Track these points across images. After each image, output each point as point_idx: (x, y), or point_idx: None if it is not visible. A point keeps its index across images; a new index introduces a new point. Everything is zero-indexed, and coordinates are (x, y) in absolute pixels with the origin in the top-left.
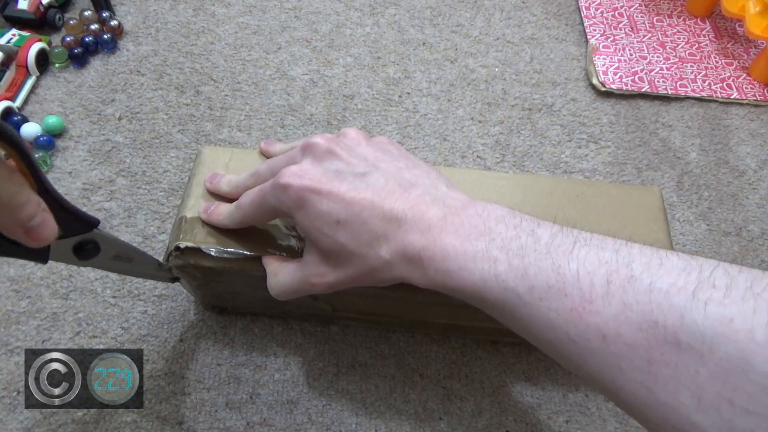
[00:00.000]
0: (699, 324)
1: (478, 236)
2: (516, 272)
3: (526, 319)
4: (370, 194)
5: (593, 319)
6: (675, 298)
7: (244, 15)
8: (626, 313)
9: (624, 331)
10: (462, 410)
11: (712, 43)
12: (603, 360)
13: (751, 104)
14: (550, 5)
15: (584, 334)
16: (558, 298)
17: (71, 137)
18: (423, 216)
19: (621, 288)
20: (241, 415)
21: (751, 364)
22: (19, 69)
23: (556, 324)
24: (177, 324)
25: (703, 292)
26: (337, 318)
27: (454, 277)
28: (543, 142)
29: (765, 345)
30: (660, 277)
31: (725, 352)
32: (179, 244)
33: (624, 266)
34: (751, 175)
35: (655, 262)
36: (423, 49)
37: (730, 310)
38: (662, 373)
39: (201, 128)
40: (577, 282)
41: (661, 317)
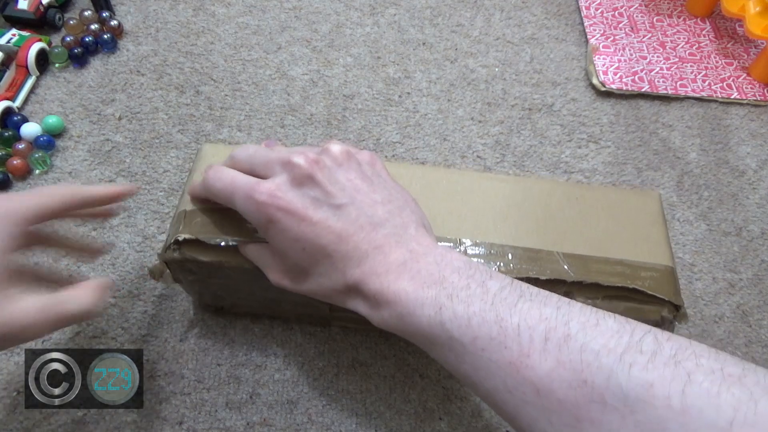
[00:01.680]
0: (623, 386)
1: (432, 284)
2: (460, 321)
3: (469, 367)
4: (340, 227)
5: (529, 374)
6: (604, 359)
7: (244, 15)
8: (559, 371)
9: (556, 388)
10: (462, 410)
11: (712, 43)
12: (536, 413)
13: (751, 104)
14: (550, 5)
15: (520, 387)
16: (499, 350)
17: (71, 137)
18: (385, 258)
19: (557, 346)
20: (241, 415)
21: (666, 429)
22: (19, 69)
23: (496, 375)
24: (177, 324)
25: (630, 355)
26: (335, 319)
27: (405, 321)
28: (543, 142)
29: (679, 412)
30: (594, 338)
31: (644, 416)
32: (178, 236)
33: (562, 324)
34: (751, 175)
35: (591, 322)
36: (423, 49)
37: (651, 375)
38: (587, 430)
39: (201, 128)
40: (518, 336)
41: (590, 377)
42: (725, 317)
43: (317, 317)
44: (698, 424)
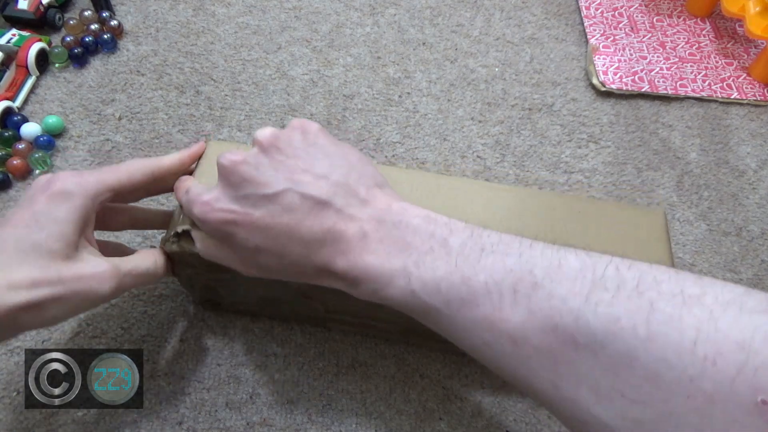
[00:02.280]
0: (591, 325)
1: (396, 253)
2: (430, 288)
3: (449, 328)
4: (285, 219)
5: (504, 326)
6: (571, 303)
7: (244, 15)
8: (531, 320)
9: (530, 336)
10: (462, 410)
11: (712, 43)
12: (516, 362)
13: (751, 104)
14: (550, 5)
15: (498, 340)
16: (471, 309)
17: (71, 137)
18: (342, 235)
19: (526, 296)
20: (241, 415)
21: (635, 357)
22: (19, 69)
23: (473, 332)
24: (177, 324)
25: (596, 294)
26: (330, 320)
27: (380, 295)
28: (543, 142)
29: (646, 339)
30: (559, 283)
31: (614, 349)
32: (177, 228)
33: (527, 273)
34: (751, 175)
35: (554, 264)
36: (423, 49)
37: (617, 310)
38: (565, 371)
39: (201, 128)
40: (487, 293)
41: (560, 321)
42: None
43: (314, 318)
44: (664, 348)
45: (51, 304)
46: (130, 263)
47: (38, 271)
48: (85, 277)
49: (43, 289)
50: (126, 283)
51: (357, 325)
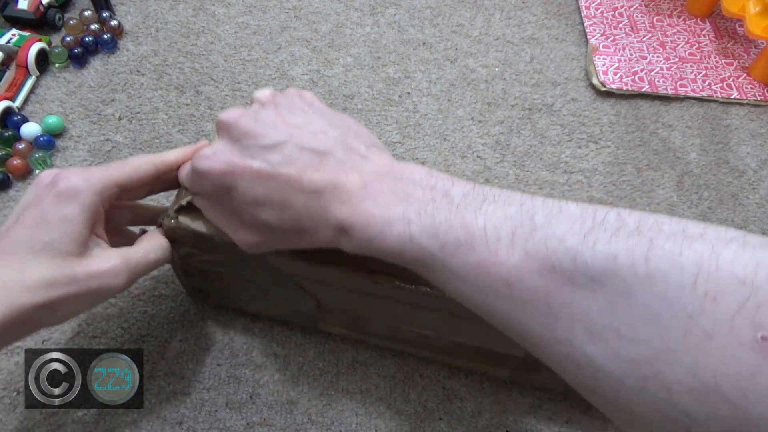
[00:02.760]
0: (588, 263)
1: (397, 202)
2: (428, 232)
3: (442, 274)
4: (285, 169)
5: (498, 270)
6: (568, 242)
7: (244, 15)
8: (527, 262)
9: (526, 278)
10: (462, 410)
11: (712, 43)
12: (510, 306)
13: (751, 104)
14: (550, 5)
15: (492, 284)
16: (467, 253)
17: (71, 137)
18: (343, 186)
19: (524, 239)
20: (241, 415)
21: (633, 295)
22: (19, 69)
23: (467, 277)
24: (177, 324)
25: (594, 234)
26: (320, 320)
27: (375, 243)
28: (543, 142)
29: (645, 277)
30: (558, 224)
31: (611, 287)
32: (182, 202)
33: (527, 219)
34: (751, 175)
35: (554, 211)
36: (423, 49)
37: (614, 247)
38: (560, 313)
39: (201, 128)
40: (485, 237)
41: (557, 262)
42: None
43: (304, 315)
44: (664, 286)
45: (66, 302)
46: (139, 252)
47: (53, 271)
48: (98, 273)
49: (59, 289)
50: (138, 272)
51: (347, 325)
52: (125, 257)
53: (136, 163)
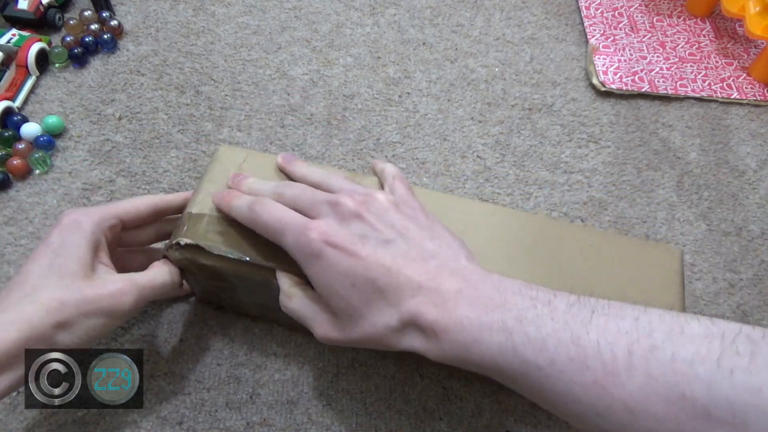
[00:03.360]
0: (727, 396)
1: (494, 308)
2: (534, 345)
3: (550, 392)
4: (389, 260)
5: (618, 392)
6: (699, 368)
7: (244, 15)
8: (652, 385)
9: (652, 405)
10: (462, 410)
11: (712, 43)
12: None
13: (751, 104)
14: (550, 5)
15: (611, 408)
16: (580, 371)
17: (71, 137)
18: (439, 287)
19: (644, 359)
20: (241, 415)
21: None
22: (19, 69)
23: (581, 398)
24: (177, 324)
25: (728, 360)
26: None
27: (471, 350)
28: (543, 142)
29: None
30: (682, 346)
31: (758, 424)
32: (180, 240)
33: (645, 335)
34: (751, 175)
35: (676, 330)
36: (423, 49)
37: (757, 379)
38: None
39: (201, 128)
40: (599, 354)
41: (688, 390)
42: (725, 317)
43: None
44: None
45: (79, 322)
46: (146, 276)
47: (62, 291)
48: (107, 293)
49: (70, 308)
50: (145, 295)
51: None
52: (132, 280)
53: (135, 200)
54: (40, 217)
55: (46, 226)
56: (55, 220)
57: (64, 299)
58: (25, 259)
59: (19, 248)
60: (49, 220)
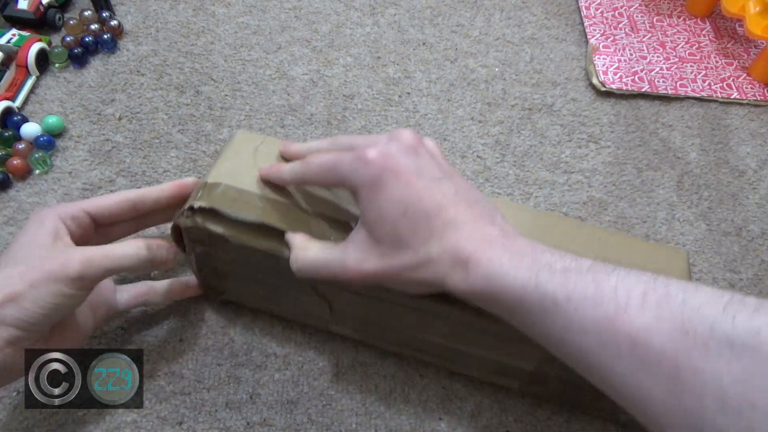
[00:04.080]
0: (727, 334)
1: (526, 254)
2: (555, 281)
3: (559, 326)
4: (440, 196)
5: (625, 327)
6: (706, 311)
7: (244, 15)
8: (658, 323)
9: (655, 340)
10: (462, 410)
11: (712, 43)
12: (631, 367)
13: (751, 104)
14: (550, 5)
15: (615, 340)
16: (593, 306)
17: (71, 137)
18: (482, 230)
19: (656, 302)
20: (241, 415)
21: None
22: (19, 69)
23: (589, 330)
24: (177, 324)
25: (734, 307)
26: (332, 322)
27: (494, 283)
28: (543, 142)
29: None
30: (694, 296)
31: (750, 359)
32: (193, 204)
33: (661, 286)
34: (751, 175)
35: (691, 287)
36: (423, 49)
37: (757, 323)
38: (689, 379)
39: (201, 128)
40: (615, 294)
41: (691, 328)
42: None
43: (316, 318)
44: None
45: (28, 292)
46: (104, 249)
47: (10, 270)
48: (52, 261)
49: (15, 280)
50: (100, 264)
51: (358, 330)
52: (83, 248)
53: (107, 195)
54: None
55: None
56: None
57: (10, 274)
58: None
59: None
60: None
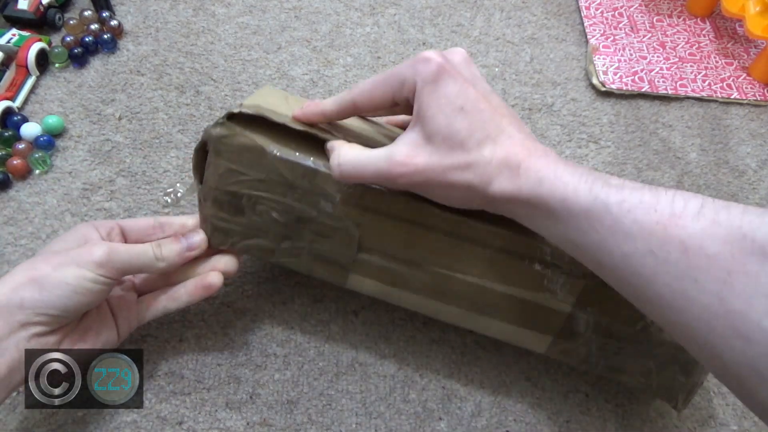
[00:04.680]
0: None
1: (580, 168)
2: (610, 187)
3: (607, 230)
4: (496, 104)
5: (678, 232)
6: (766, 217)
7: (244, 15)
8: (714, 228)
9: (708, 244)
10: (462, 410)
11: (712, 43)
12: (678, 273)
13: (751, 104)
14: (550, 5)
15: (665, 246)
16: (647, 212)
17: (71, 137)
18: (533, 144)
19: (714, 210)
20: (241, 415)
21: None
22: (19, 69)
23: (638, 236)
24: (177, 324)
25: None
26: (355, 271)
27: (545, 185)
28: (543, 142)
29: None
30: (754, 210)
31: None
32: (233, 110)
33: (721, 201)
34: (751, 175)
35: (750, 207)
36: (423, 49)
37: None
38: (740, 282)
39: (201, 128)
40: (671, 202)
41: (750, 232)
42: None
43: (338, 260)
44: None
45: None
46: (127, 245)
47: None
48: (76, 247)
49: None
50: (120, 257)
51: (382, 278)
52: (106, 241)
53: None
54: (40, 217)
55: (46, 226)
56: (55, 220)
57: (36, 260)
58: (24, 258)
59: (19, 248)
60: (49, 220)
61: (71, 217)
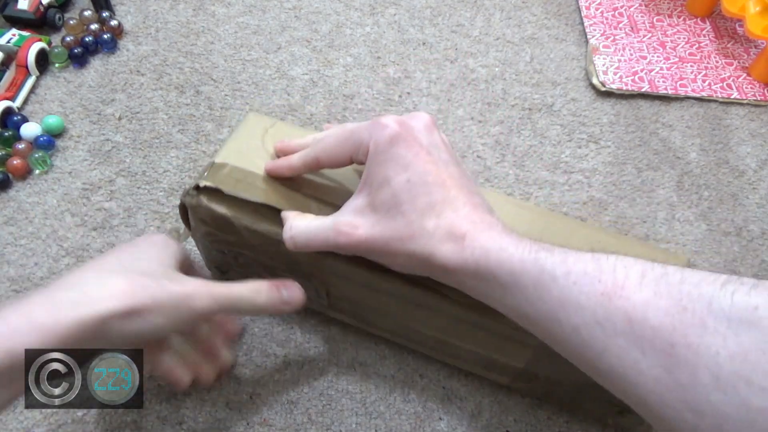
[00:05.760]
0: (725, 310)
1: (523, 239)
2: (555, 258)
3: (555, 301)
4: (445, 176)
5: (622, 303)
6: (704, 288)
7: (244, 15)
8: (656, 300)
9: (651, 316)
10: (462, 410)
11: (712, 43)
12: (626, 343)
13: (751, 104)
14: (550, 5)
15: (611, 317)
16: (591, 283)
17: (71, 137)
18: (479, 215)
19: (654, 280)
20: (241, 415)
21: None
22: (19, 69)
23: (585, 306)
24: None
25: (732, 285)
26: (331, 309)
27: (491, 257)
28: (543, 142)
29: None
30: (691, 276)
31: (747, 336)
32: (199, 182)
33: (660, 267)
34: (751, 175)
35: (688, 269)
36: (423, 49)
37: (755, 300)
38: (684, 355)
39: (201, 128)
40: (613, 272)
41: (689, 304)
42: None
43: (315, 302)
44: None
45: (151, 311)
46: (226, 287)
47: (131, 284)
48: (181, 289)
49: (143, 296)
50: (223, 303)
51: (354, 316)
52: (208, 284)
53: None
54: (40, 217)
55: (46, 226)
56: (55, 220)
57: (134, 289)
58: (24, 258)
59: (19, 248)
60: (49, 220)
61: (71, 217)
